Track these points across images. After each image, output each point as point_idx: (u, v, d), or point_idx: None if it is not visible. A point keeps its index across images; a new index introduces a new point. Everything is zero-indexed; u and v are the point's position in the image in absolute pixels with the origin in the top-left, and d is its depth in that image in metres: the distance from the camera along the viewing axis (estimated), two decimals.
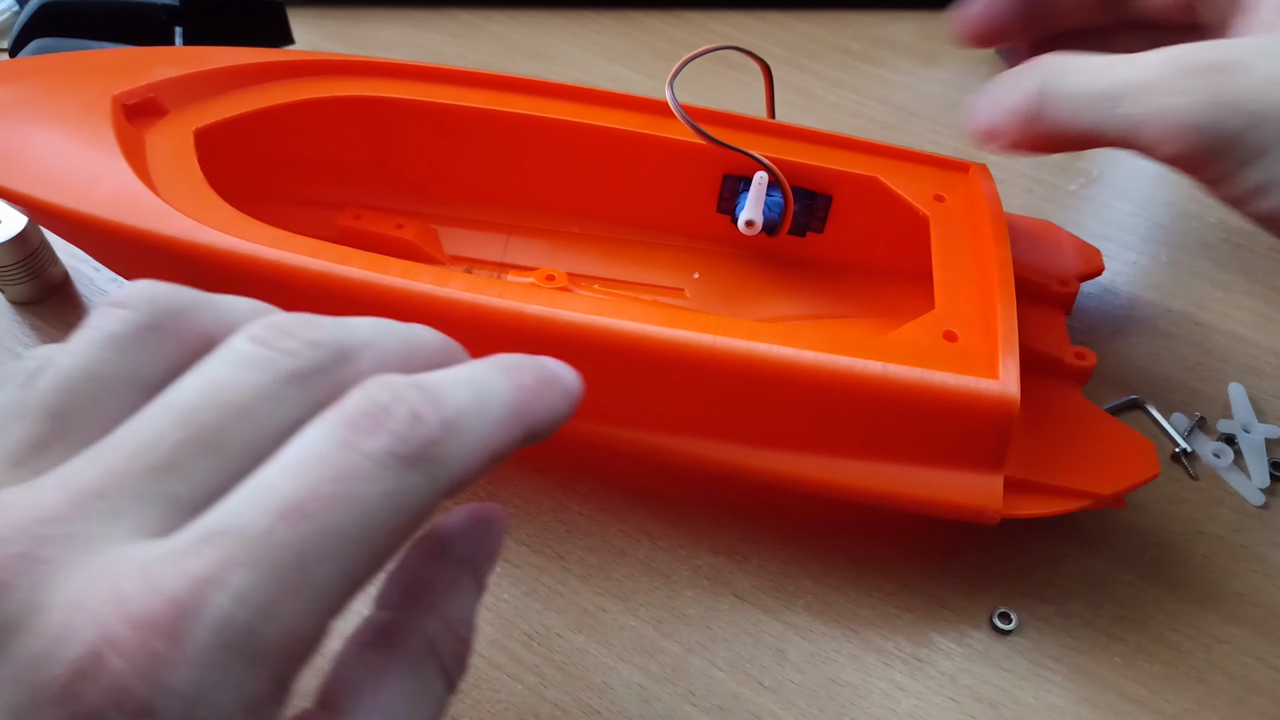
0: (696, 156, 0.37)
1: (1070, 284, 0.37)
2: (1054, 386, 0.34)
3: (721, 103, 0.38)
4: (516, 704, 0.29)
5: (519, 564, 0.32)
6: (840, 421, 0.30)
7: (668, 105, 0.36)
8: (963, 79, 0.56)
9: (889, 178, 0.36)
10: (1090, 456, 0.32)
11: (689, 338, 0.29)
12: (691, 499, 0.34)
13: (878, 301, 0.38)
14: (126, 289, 0.19)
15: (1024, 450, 0.31)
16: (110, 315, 0.19)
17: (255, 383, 0.18)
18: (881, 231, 0.37)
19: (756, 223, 0.35)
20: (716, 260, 0.40)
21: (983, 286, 0.32)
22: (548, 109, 0.38)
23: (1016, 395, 0.28)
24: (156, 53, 0.38)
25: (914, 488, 0.30)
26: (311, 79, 0.38)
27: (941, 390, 0.29)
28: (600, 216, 0.40)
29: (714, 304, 0.38)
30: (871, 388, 0.29)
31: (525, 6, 0.59)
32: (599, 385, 0.31)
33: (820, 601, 0.32)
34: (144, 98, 0.35)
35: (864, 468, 0.30)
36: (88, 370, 0.18)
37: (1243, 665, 0.31)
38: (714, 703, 0.29)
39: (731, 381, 0.29)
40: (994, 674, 0.30)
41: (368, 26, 0.57)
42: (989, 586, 0.32)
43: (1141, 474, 0.31)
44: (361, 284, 0.29)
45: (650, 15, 0.59)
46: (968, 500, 0.30)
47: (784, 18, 0.60)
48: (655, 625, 0.31)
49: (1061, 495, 0.31)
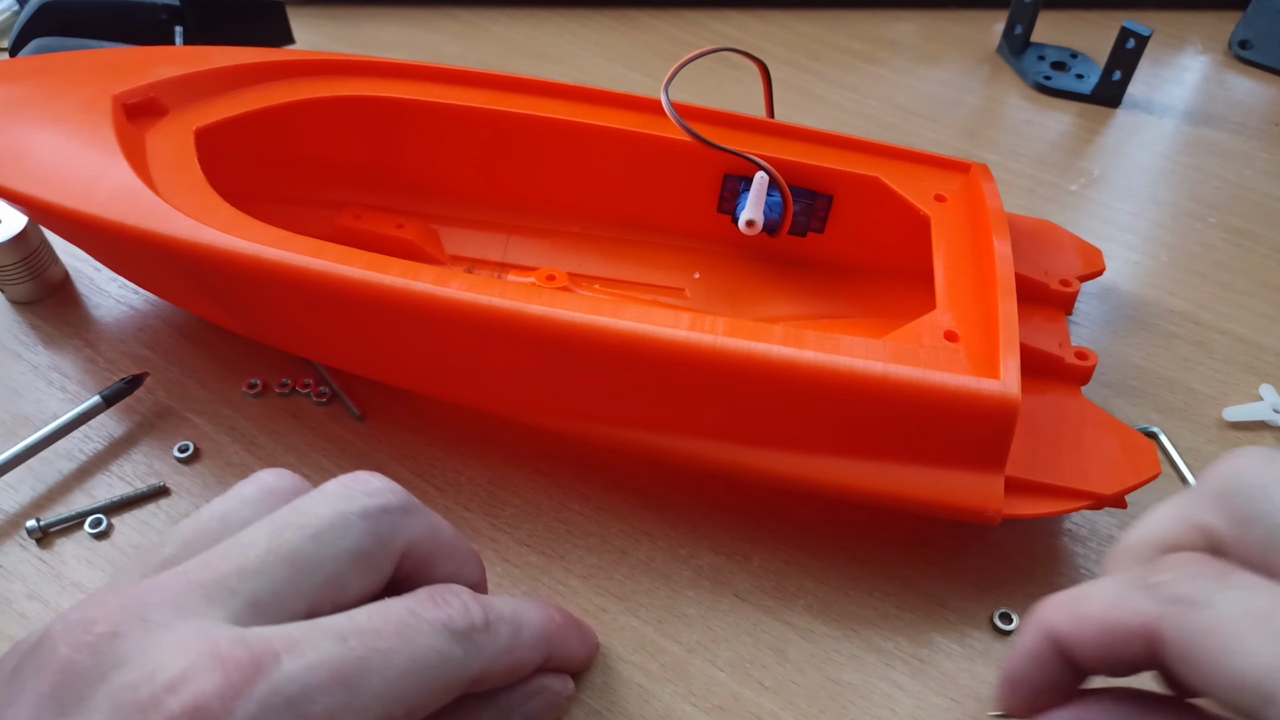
0: (697, 157, 0.37)
1: (1071, 284, 0.37)
2: (1055, 387, 0.34)
3: (723, 103, 0.38)
4: None
5: (519, 564, 0.32)
6: (841, 422, 0.30)
7: (650, 100, 0.36)
8: (963, 79, 0.56)
9: (890, 178, 0.36)
10: (1091, 457, 0.32)
11: (688, 338, 0.29)
12: (692, 500, 0.34)
13: (879, 301, 0.38)
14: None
15: (1025, 450, 0.31)
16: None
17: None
18: (882, 231, 0.37)
19: (757, 223, 0.35)
20: (717, 260, 0.40)
21: (983, 286, 0.32)
22: (548, 109, 0.38)
23: (1018, 395, 0.28)
24: (157, 52, 0.38)
25: (915, 488, 0.30)
26: (312, 79, 0.38)
27: (942, 390, 0.28)
28: (601, 217, 0.40)
29: (715, 304, 0.38)
30: (872, 388, 0.28)
31: (526, 6, 0.59)
32: (599, 385, 0.31)
33: (821, 602, 0.32)
34: (145, 97, 0.35)
35: (865, 468, 0.30)
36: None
37: None
38: (714, 703, 0.29)
39: (731, 382, 0.29)
40: (994, 674, 0.30)
41: (368, 26, 0.57)
42: (990, 587, 0.32)
43: (1142, 474, 0.31)
44: (362, 284, 0.29)
45: (650, 15, 0.59)
46: (969, 501, 0.30)
47: (784, 17, 0.60)
48: (656, 625, 0.31)
49: (1063, 495, 0.31)
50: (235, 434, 0.35)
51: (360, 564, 0.22)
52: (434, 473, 0.34)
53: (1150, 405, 0.38)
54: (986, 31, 0.60)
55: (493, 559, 0.32)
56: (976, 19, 0.61)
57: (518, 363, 0.31)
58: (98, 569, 0.31)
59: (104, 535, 0.32)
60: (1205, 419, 0.38)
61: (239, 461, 0.34)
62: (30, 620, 0.30)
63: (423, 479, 0.34)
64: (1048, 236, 0.40)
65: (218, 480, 0.34)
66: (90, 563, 0.31)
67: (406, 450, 0.35)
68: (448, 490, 0.34)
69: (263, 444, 0.35)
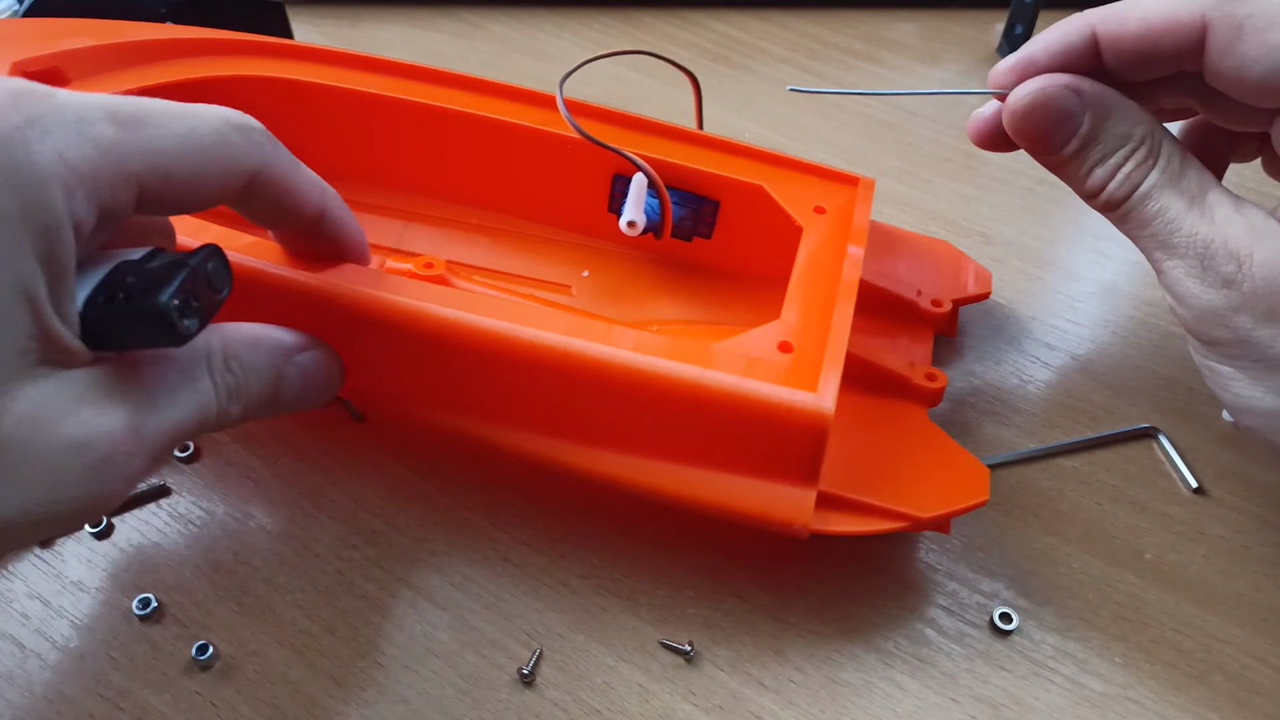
0: (590, 156, 0.37)
1: (942, 304, 0.37)
2: (901, 406, 0.34)
3: (721, 103, 0.38)
4: (517, 704, 0.29)
5: (520, 564, 0.32)
6: (656, 424, 0.29)
7: (568, 102, 0.36)
8: (963, 79, 0.56)
9: (775, 187, 0.36)
10: (920, 479, 0.31)
11: (505, 329, 0.28)
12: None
13: (764, 308, 0.37)
14: None
15: (849, 467, 0.31)
16: None
17: None
18: (765, 240, 0.37)
19: (639, 223, 0.35)
20: (608, 260, 0.40)
21: (828, 300, 0.32)
22: (449, 99, 0.38)
23: (830, 409, 0.28)
24: (66, 24, 0.37)
25: (727, 496, 0.30)
26: (223, 57, 0.38)
27: (755, 400, 0.28)
28: (499, 208, 0.40)
29: (599, 302, 0.38)
30: (686, 392, 0.28)
31: (526, 6, 0.59)
32: (428, 371, 0.31)
33: (821, 601, 0.32)
34: (46, 66, 0.34)
35: (679, 472, 0.30)
36: None
37: (1244, 666, 0.31)
38: (714, 702, 0.29)
39: (547, 376, 0.29)
40: (994, 674, 0.30)
41: (368, 25, 0.57)
42: (990, 586, 0.32)
43: (967, 500, 0.30)
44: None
45: (650, 15, 0.59)
46: (778, 513, 0.29)
47: (785, 16, 0.60)
48: (656, 625, 0.31)
49: (879, 515, 0.30)
50: (236, 434, 0.35)
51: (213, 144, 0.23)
52: (434, 472, 0.34)
53: (1150, 405, 0.38)
54: (987, 31, 0.60)
55: (493, 559, 0.32)
56: (976, 19, 0.61)
57: (353, 347, 0.30)
58: (98, 569, 0.31)
59: (104, 535, 0.32)
60: (1205, 419, 0.38)
61: (239, 461, 0.34)
62: (31, 620, 0.30)
63: (423, 479, 0.34)
64: (940, 256, 0.40)
65: (218, 479, 0.34)
66: (90, 562, 0.31)
67: (407, 450, 0.35)
68: (448, 490, 0.34)
69: (263, 443, 0.35)
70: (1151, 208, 0.28)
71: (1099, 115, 0.28)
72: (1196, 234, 0.27)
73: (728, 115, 0.51)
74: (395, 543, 0.32)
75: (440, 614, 0.31)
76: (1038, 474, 0.36)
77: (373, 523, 0.33)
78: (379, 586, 0.31)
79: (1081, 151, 0.29)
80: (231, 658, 0.29)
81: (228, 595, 0.31)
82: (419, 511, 0.33)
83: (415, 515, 0.33)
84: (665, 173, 0.36)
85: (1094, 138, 0.29)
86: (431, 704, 0.29)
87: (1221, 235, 0.27)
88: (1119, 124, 0.28)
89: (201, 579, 0.31)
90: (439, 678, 0.29)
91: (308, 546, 0.32)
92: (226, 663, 0.29)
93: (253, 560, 0.32)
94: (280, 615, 0.30)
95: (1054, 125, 0.29)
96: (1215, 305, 0.27)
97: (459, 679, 0.29)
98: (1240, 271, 0.26)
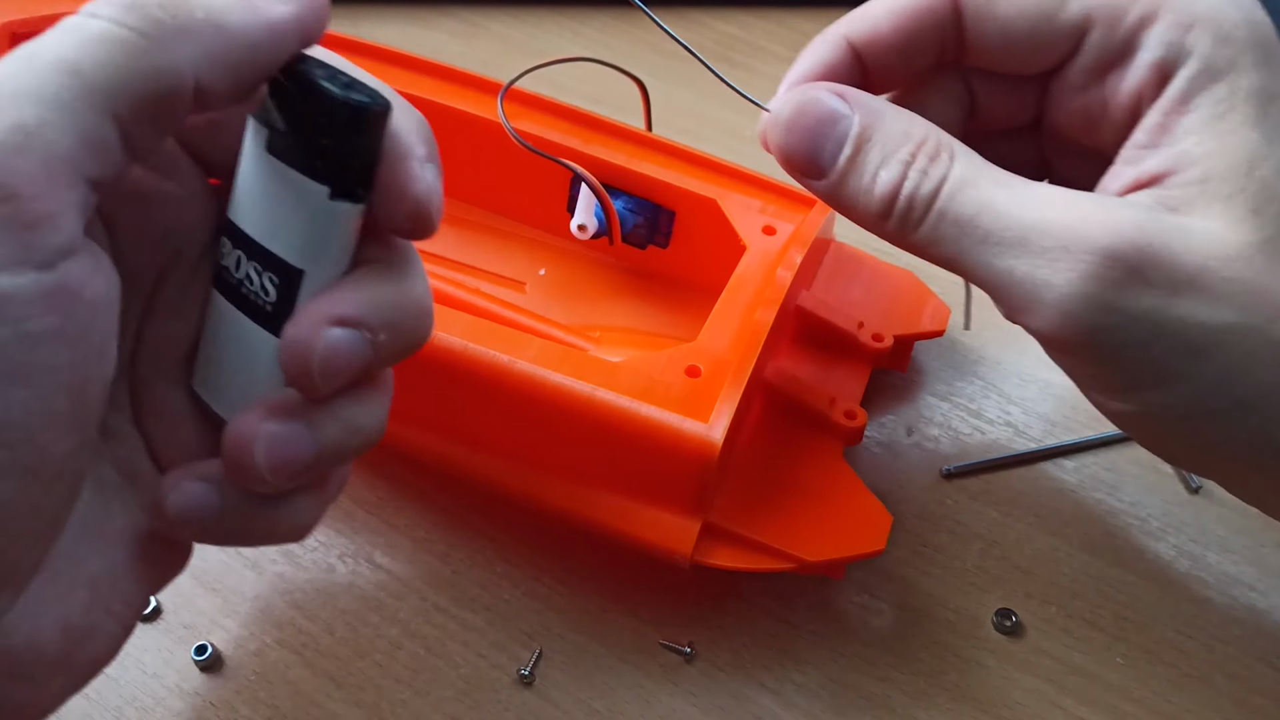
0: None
1: (883, 339, 0.34)
2: (816, 443, 0.32)
3: (721, 102, 0.38)
4: (517, 704, 0.29)
5: (520, 564, 0.32)
6: (550, 437, 0.29)
7: (538, 97, 0.36)
8: None
9: (728, 203, 0.35)
10: (819, 520, 0.30)
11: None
12: None
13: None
14: None
15: (747, 500, 0.30)
16: None
17: None
18: (717, 254, 0.36)
19: (589, 227, 0.35)
20: (569, 259, 0.39)
21: (750, 326, 0.31)
22: (415, 86, 0.37)
23: (719, 440, 0.27)
24: None
25: (612, 517, 0.29)
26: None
27: (646, 423, 0.28)
28: (466, 199, 0.40)
29: (551, 302, 0.38)
30: (580, 409, 0.28)
31: (526, 5, 0.59)
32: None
33: (821, 601, 0.32)
34: (40, 28, 0.34)
35: (569, 489, 0.30)
36: None
37: (1245, 666, 0.31)
38: (714, 703, 0.29)
39: (444, 377, 0.29)
40: (995, 674, 0.30)
41: (368, 25, 0.57)
42: (991, 587, 0.32)
43: (860, 548, 0.30)
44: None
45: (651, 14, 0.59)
46: (662, 540, 0.29)
47: (786, 15, 0.60)
48: (656, 625, 0.31)
49: (765, 554, 0.29)
50: None
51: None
52: (433, 472, 0.34)
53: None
54: None
55: (494, 559, 0.32)
56: None
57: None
58: None
59: None
60: None
61: None
62: None
63: (423, 478, 0.34)
64: (899, 288, 0.38)
65: None
66: None
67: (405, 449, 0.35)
68: (449, 489, 0.34)
69: None
70: (967, 205, 0.23)
71: (869, 115, 0.24)
72: (1038, 223, 0.22)
73: (727, 114, 0.51)
74: (395, 542, 0.32)
75: (440, 614, 0.31)
76: (1038, 475, 0.36)
77: (372, 522, 0.33)
78: (378, 587, 0.31)
79: (856, 156, 0.24)
80: (231, 658, 0.29)
81: (227, 595, 0.31)
82: (418, 511, 0.33)
83: (414, 515, 0.33)
84: (624, 179, 0.36)
85: (868, 136, 0.24)
86: (431, 704, 0.29)
87: (1063, 220, 0.22)
88: (895, 123, 0.24)
89: (200, 579, 0.31)
90: (439, 678, 0.29)
91: (306, 546, 0.32)
92: (226, 663, 0.29)
93: (251, 560, 0.32)
94: (280, 615, 0.30)
95: (821, 129, 0.25)
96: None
97: (459, 679, 0.29)
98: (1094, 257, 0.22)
